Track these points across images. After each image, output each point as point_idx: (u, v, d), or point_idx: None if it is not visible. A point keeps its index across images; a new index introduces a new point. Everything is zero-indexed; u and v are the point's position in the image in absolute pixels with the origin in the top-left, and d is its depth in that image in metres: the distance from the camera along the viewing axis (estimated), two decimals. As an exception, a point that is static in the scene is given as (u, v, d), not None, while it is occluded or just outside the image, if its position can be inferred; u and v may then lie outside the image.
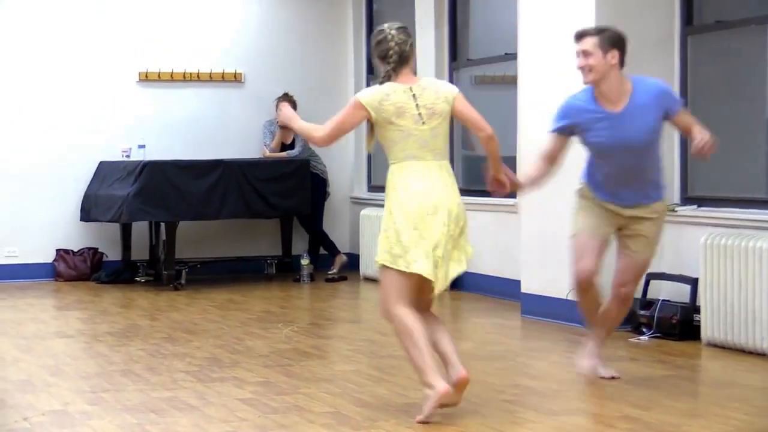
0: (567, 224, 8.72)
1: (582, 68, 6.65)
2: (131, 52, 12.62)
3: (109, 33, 12.53)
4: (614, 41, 6.49)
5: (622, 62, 6.52)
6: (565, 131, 6.90)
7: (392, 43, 5.84)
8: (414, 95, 5.86)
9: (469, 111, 5.96)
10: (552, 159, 7.01)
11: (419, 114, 5.87)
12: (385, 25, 5.98)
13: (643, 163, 6.82)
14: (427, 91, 5.93)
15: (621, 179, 6.82)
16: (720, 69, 8.82)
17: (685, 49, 8.81)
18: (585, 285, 6.83)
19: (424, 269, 5.66)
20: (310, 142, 7.76)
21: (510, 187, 6.79)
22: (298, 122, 6.41)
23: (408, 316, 5.74)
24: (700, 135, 6.70)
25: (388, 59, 5.85)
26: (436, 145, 5.94)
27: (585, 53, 6.60)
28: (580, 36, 6.73)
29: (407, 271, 5.71)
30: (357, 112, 5.95)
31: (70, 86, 12.38)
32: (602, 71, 6.59)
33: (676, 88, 8.78)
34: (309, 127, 6.32)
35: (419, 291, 5.83)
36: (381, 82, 5.92)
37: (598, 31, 6.73)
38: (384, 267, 5.84)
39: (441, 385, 5.61)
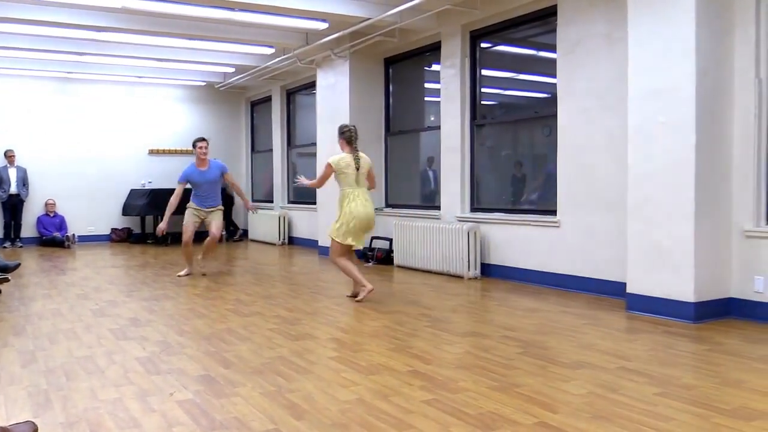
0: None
1: None
2: (146, 138, 12.24)
3: (138, 128, 12.14)
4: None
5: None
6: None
7: (348, 131, 5.49)
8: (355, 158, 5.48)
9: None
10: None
11: (356, 166, 5.46)
12: (348, 124, 5.69)
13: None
14: (363, 157, 5.58)
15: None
16: (402, 151, 8.76)
17: (387, 143, 8.87)
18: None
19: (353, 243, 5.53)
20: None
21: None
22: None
23: (342, 260, 5.53)
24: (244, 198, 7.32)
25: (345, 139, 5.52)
26: (361, 181, 5.54)
27: None
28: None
29: (345, 243, 5.51)
30: (329, 170, 5.50)
31: (119, 153, 11.98)
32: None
33: (382, 164, 8.77)
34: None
35: (348, 251, 5.63)
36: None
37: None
38: (334, 240, 5.52)
39: (369, 286, 5.53)
